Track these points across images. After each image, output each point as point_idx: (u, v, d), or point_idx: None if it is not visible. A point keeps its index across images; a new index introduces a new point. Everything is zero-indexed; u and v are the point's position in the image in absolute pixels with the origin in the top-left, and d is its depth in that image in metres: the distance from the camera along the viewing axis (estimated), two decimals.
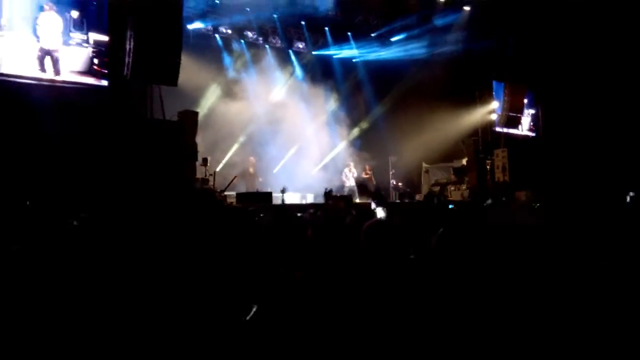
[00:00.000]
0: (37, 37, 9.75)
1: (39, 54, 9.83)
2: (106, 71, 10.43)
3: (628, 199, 10.02)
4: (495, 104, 17.38)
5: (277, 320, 2.16)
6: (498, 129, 17.32)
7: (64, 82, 10.03)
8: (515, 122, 17.84)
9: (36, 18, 9.75)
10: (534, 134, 18.31)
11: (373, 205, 8.59)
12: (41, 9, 9.78)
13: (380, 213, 8.42)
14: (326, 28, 17.15)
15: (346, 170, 16.52)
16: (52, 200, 7.47)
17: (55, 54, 9.95)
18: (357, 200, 14.76)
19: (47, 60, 9.90)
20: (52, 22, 9.92)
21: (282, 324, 2.17)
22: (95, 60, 10.40)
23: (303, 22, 16.54)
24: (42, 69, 9.84)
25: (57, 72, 9.96)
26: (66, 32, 10.13)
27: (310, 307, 2.28)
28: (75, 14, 10.21)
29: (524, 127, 18.23)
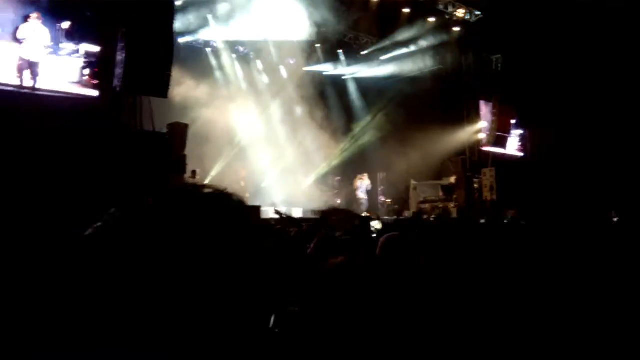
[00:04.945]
0: (18, 46, 9.41)
1: (19, 63, 9.48)
2: (97, 82, 10.38)
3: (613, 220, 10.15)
4: (482, 124, 17.56)
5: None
6: (485, 148, 17.48)
7: (51, 91, 9.91)
8: (502, 142, 18.04)
9: (16, 28, 9.42)
10: (522, 154, 18.51)
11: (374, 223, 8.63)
12: (25, 19, 9.47)
13: (376, 225, 8.51)
14: (317, 45, 17.28)
15: (359, 182, 16.20)
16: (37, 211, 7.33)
17: (35, 68, 9.55)
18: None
19: (27, 73, 9.48)
20: (36, 33, 9.54)
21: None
22: (86, 71, 10.36)
23: (294, 39, 16.64)
24: (20, 80, 9.50)
25: (34, 85, 9.58)
26: (56, 43, 10.06)
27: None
28: (66, 24, 10.17)
29: (511, 147, 18.42)
